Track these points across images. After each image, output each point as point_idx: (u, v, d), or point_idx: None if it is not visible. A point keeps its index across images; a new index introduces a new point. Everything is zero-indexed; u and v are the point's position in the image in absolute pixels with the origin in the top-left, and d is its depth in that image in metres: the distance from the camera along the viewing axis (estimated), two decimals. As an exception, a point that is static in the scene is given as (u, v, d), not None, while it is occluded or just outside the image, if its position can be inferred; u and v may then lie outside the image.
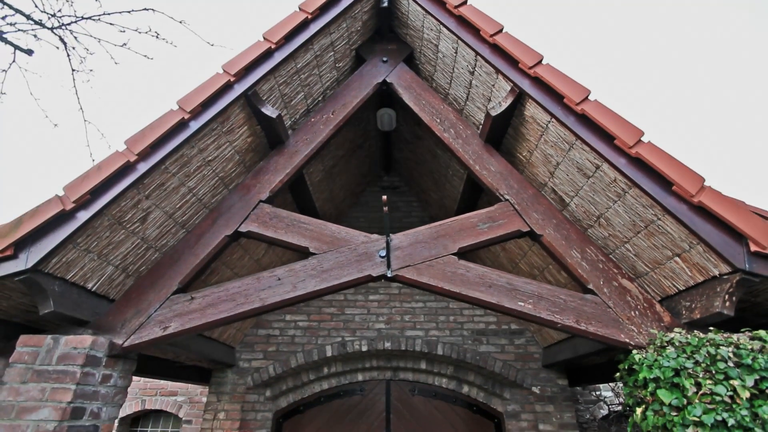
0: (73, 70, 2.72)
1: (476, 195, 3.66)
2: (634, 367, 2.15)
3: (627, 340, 2.21)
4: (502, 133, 2.87)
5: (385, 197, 2.06)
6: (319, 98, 3.28)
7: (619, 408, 4.54)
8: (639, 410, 2.08)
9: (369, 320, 4.50)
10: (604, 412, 4.85)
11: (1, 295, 2.15)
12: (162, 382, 5.15)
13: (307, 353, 4.27)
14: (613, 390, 4.79)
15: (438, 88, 3.33)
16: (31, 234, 2.01)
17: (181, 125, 2.38)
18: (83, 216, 2.11)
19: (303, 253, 2.59)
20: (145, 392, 5.08)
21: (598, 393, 4.99)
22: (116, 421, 4.88)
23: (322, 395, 4.48)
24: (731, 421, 1.71)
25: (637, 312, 2.30)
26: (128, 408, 4.97)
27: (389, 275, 2.40)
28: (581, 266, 2.45)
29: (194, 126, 2.41)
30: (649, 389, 2.01)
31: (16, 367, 2.05)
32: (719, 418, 1.74)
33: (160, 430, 5.12)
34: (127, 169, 2.23)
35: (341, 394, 4.48)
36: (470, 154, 2.87)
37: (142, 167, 2.26)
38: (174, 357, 3.90)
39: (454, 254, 2.47)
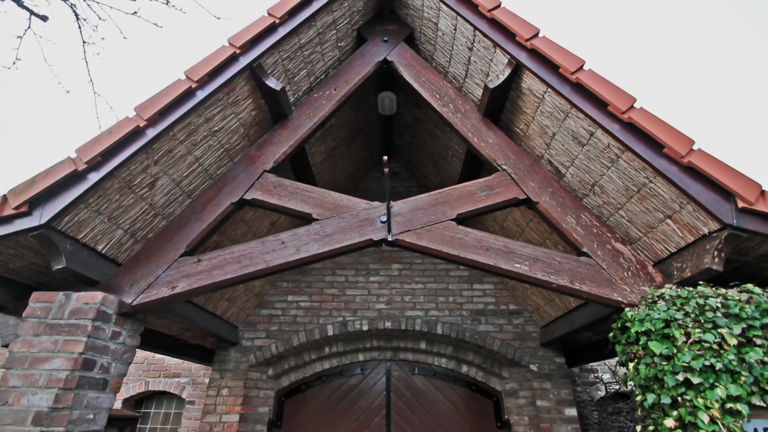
0: (84, 42, 2.80)
1: (475, 173, 3.73)
2: (627, 324, 2.22)
3: (620, 299, 2.28)
4: (500, 107, 2.95)
5: (386, 157, 2.13)
6: (322, 76, 3.36)
7: (617, 387, 4.60)
8: (631, 365, 2.15)
9: (370, 301, 4.57)
10: (602, 393, 4.91)
11: (15, 253, 2.22)
12: (165, 364, 5.22)
13: (309, 332, 4.34)
14: (610, 369, 4.85)
15: (438, 67, 3.41)
16: (45, 192, 2.09)
17: (189, 94, 2.46)
18: (94, 177, 2.18)
19: (306, 221, 2.66)
20: (149, 374, 5.15)
21: (596, 375, 5.05)
22: (120, 401, 4.96)
23: (323, 374, 4.55)
24: (719, 366, 1.79)
25: (629, 273, 2.37)
26: (132, 389, 5.04)
27: (390, 239, 2.47)
28: (576, 231, 2.52)
29: (201, 95, 2.49)
30: (641, 343, 2.08)
31: (29, 321, 2.13)
32: (707, 363, 1.81)
33: (163, 411, 5.19)
34: (136, 133, 2.30)
35: (342, 374, 4.55)
36: (469, 128, 2.95)
37: (151, 132, 2.34)
38: (178, 334, 3.98)
39: (452, 220, 2.55)
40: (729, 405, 1.73)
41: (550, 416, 3.94)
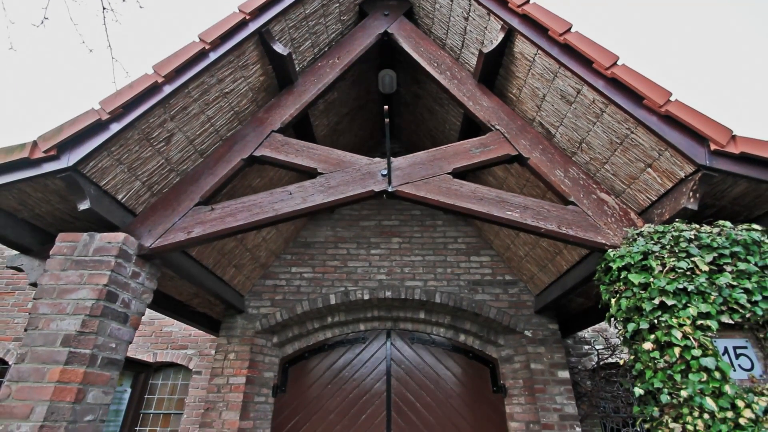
0: (103, 8, 2.97)
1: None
2: (610, 264, 2.39)
3: (604, 241, 2.45)
4: (494, 73, 3.12)
5: (386, 107, 2.30)
6: (325, 48, 3.53)
7: (609, 354, 4.76)
8: (614, 300, 2.32)
9: (371, 272, 4.74)
10: (595, 362, 5.06)
11: (42, 198, 2.40)
12: (173, 336, 5.39)
13: (312, 301, 4.51)
14: (603, 338, 5.01)
15: (436, 39, 3.59)
16: (71, 139, 2.27)
17: (202, 54, 2.64)
18: (116, 127, 2.36)
19: (312, 176, 2.83)
20: (157, 346, 5.31)
21: (588, 347, 5.21)
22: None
23: (325, 343, 4.72)
24: (690, 288, 1.96)
25: (613, 219, 2.54)
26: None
27: (390, 190, 2.65)
28: (564, 183, 2.69)
29: (213, 56, 2.67)
30: (622, 277, 2.25)
31: (56, 258, 2.30)
32: (680, 286, 1.98)
33: (170, 382, 5.35)
34: (154, 89, 2.48)
35: (344, 343, 4.71)
36: (464, 93, 3.12)
37: (168, 89, 2.51)
38: (187, 299, 4.16)
39: (448, 174, 2.72)
40: (700, 321, 1.90)
41: (543, 378, 4.11)
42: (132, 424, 2.88)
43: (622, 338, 2.29)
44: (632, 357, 2.22)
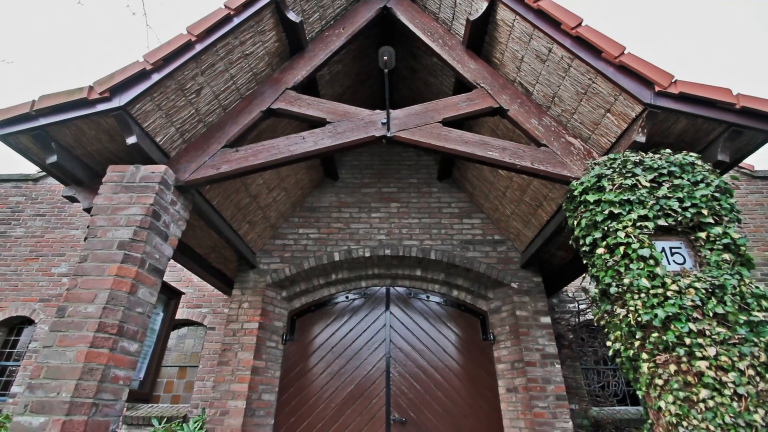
0: (141, -20, 3.38)
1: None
2: (574, 194, 2.82)
3: (569, 174, 2.89)
4: (480, 39, 3.56)
5: (386, 57, 2.73)
6: (331, 21, 3.98)
7: (589, 310, 5.19)
8: (576, 223, 2.76)
9: (371, 233, 5.18)
10: (575, 314, 5.49)
11: (95, 136, 2.83)
12: (188, 297, 5.83)
13: (318, 258, 4.94)
14: (584, 290, 5.43)
15: (430, 13, 4.03)
16: (121, 84, 2.70)
17: (227, 18, 3.08)
18: (156, 76, 2.80)
19: (321, 125, 3.27)
20: (173, 305, 5.74)
21: (572, 305, 5.65)
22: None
23: (330, 298, 5.15)
24: (633, 198, 2.40)
25: (578, 157, 2.98)
26: (158, 318, 5.63)
27: (389, 135, 3.08)
28: (538, 129, 3.13)
29: (236, 20, 3.11)
30: (581, 200, 2.69)
31: (107, 184, 2.74)
32: (625, 197, 2.42)
33: (186, 339, 5.79)
34: (188, 45, 2.92)
35: (347, 297, 5.15)
36: (454, 57, 3.57)
37: (199, 46, 2.95)
38: (205, 253, 4.60)
39: (439, 122, 3.16)
40: (639, 223, 2.34)
41: (527, 323, 4.54)
42: (164, 342, 3.31)
43: (583, 253, 2.73)
44: (591, 268, 2.65)
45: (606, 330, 2.53)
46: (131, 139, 2.72)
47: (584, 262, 2.73)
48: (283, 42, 3.58)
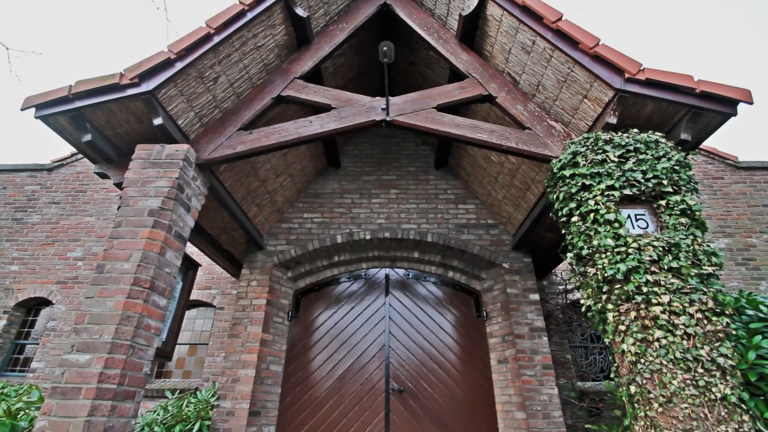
0: (163, -21, 3.75)
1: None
2: (554, 171, 3.15)
3: (550, 154, 3.21)
4: (472, 33, 3.89)
5: (386, 48, 3.05)
6: (335, 17, 4.30)
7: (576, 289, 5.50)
8: (555, 197, 3.08)
9: (372, 217, 5.50)
10: (563, 292, 5.81)
11: (124, 118, 3.16)
12: (198, 279, 6.14)
13: (321, 240, 5.27)
14: (572, 270, 5.74)
15: (426, 9, 4.36)
16: (148, 71, 3.03)
17: (242, 13, 3.40)
18: (179, 65, 3.12)
19: (327, 110, 3.59)
20: (184, 287, 6.06)
21: (562, 287, 5.97)
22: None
23: (333, 279, 5.47)
24: (602, 170, 2.72)
25: (558, 139, 3.30)
26: (170, 299, 5.95)
27: (388, 119, 3.41)
28: (523, 114, 3.46)
29: (250, 15, 3.43)
30: (559, 176, 3.01)
31: (137, 161, 3.06)
32: (595, 171, 2.75)
33: (196, 319, 6.11)
34: (207, 37, 3.24)
35: (349, 278, 5.47)
36: (448, 50, 3.89)
37: (217, 38, 3.28)
38: (216, 234, 4.91)
39: (433, 108, 3.48)
40: (607, 192, 2.67)
41: (517, 300, 4.86)
42: (183, 308, 3.64)
43: (561, 224, 3.05)
44: (568, 236, 2.97)
45: (581, 290, 2.85)
46: (158, 120, 3.04)
47: (562, 231, 3.05)
48: (291, 35, 3.90)
